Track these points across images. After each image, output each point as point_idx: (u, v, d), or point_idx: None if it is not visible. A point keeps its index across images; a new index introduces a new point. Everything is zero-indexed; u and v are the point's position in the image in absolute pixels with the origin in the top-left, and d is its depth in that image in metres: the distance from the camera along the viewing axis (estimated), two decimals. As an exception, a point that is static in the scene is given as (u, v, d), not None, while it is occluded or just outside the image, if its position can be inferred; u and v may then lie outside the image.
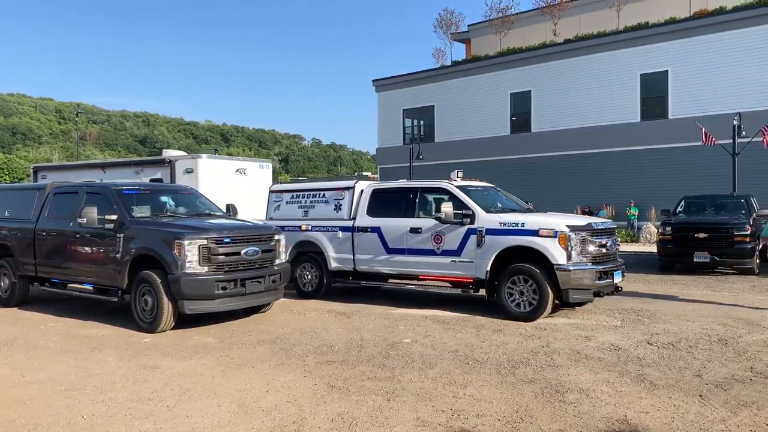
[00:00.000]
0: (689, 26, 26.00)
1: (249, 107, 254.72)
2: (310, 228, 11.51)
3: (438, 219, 9.86)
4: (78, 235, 9.75)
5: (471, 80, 32.53)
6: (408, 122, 35.87)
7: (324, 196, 11.63)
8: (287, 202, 12.11)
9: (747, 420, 4.99)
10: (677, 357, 6.99)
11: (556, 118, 29.06)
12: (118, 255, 9.06)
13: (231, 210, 10.76)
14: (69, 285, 10.30)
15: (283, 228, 10.70)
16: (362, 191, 11.21)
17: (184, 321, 8.86)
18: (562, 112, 28.79)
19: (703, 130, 21.27)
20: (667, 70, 26.23)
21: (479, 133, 31.64)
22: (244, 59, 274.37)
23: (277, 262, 9.47)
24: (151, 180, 14.16)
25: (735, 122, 20.36)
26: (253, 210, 13.44)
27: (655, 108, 26.59)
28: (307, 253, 11.57)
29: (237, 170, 14.20)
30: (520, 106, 30.68)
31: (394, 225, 10.48)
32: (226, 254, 8.70)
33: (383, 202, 10.88)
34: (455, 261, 9.79)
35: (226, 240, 8.76)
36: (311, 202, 11.75)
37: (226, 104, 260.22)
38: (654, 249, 17.32)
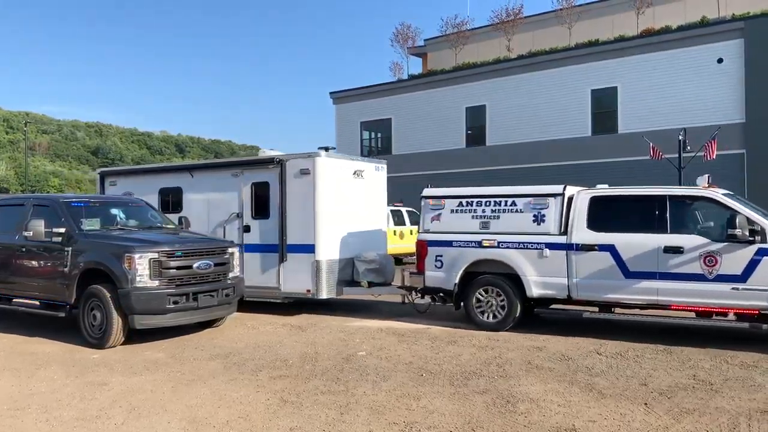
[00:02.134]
0: (637, 44, 26.82)
1: (204, 117, 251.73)
2: (496, 244, 9.42)
3: (730, 238, 7.90)
4: (24, 249, 9.47)
5: (428, 94, 32.86)
6: (366, 134, 35.98)
7: (515, 204, 9.47)
8: (453, 211, 9.93)
9: (689, 426, 5.15)
10: (625, 366, 7.18)
11: (510, 132, 29.56)
12: (66, 269, 8.83)
13: (183, 222, 10.62)
14: (14, 300, 9.98)
15: (449, 243, 9.61)
16: (573, 199, 9.17)
17: (134, 336, 8.67)
18: (516, 126, 29.31)
19: (651, 144, 21.94)
20: (616, 86, 26.98)
21: (436, 146, 31.95)
22: (198, 69, 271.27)
23: (231, 275, 9.38)
24: (253, 185, 11.46)
25: (681, 137, 21.06)
26: (372, 220, 12.15)
27: (606, 123, 27.30)
28: (485, 274, 9.56)
29: (354, 172, 11.70)
30: (476, 119, 31.11)
31: (637, 242, 8.49)
32: (178, 268, 8.57)
33: (611, 214, 8.93)
34: (738, 289, 7.91)
35: (178, 253, 8.63)
36: (494, 211, 9.60)
37: (181, 114, 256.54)
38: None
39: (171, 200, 12.41)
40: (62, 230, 8.97)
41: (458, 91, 31.62)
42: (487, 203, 9.72)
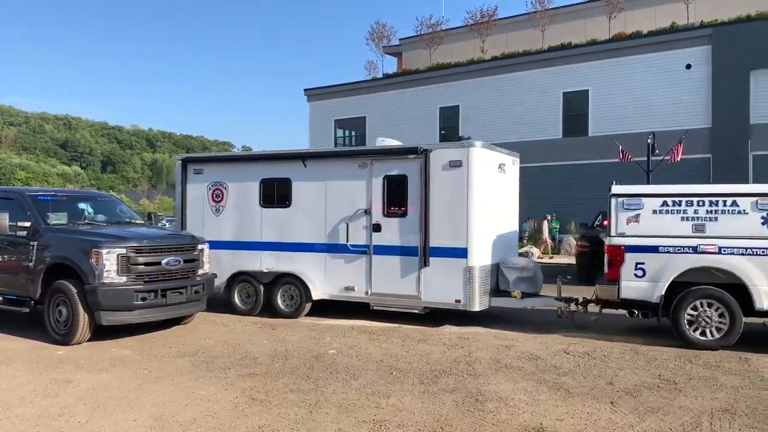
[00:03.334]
0: (608, 48, 27.18)
1: (177, 112, 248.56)
2: (717, 250, 8.27)
3: None
4: (-13, 243, 9.24)
5: (402, 93, 32.90)
6: (340, 132, 35.88)
7: (736, 204, 8.30)
8: (656, 212, 8.67)
9: (653, 425, 5.24)
10: (592, 365, 7.27)
11: (482, 133, 29.59)
12: (31, 264, 8.64)
13: (152, 218, 10.49)
14: (-24, 295, 9.73)
15: (654, 248, 8.53)
16: None
17: (100, 333, 8.53)
18: (489, 127, 29.46)
19: (621, 147, 22.26)
20: (587, 90, 27.32)
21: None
22: (171, 63, 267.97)
23: (200, 272, 9.28)
24: (386, 177, 10.02)
25: (649, 141, 21.40)
26: (511, 221, 11.16)
27: (577, 125, 27.62)
28: (699, 284, 8.38)
29: (499, 165, 10.37)
30: (449, 119, 31.23)
31: None
32: (146, 264, 8.45)
33: None
34: None
35: (146, 249, 8.51)
36: (710, 212, 8.41)
37: (153, 109, 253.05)
38: (574, 261, 17.95)
39: (276, 193, 10.94)
40: (27, 224, 8.77)
41: (432, 91, 31.72)
42: (701, 203, 8.51)
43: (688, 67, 25.04)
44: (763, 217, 8.18)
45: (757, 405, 5.78)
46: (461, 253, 9.42)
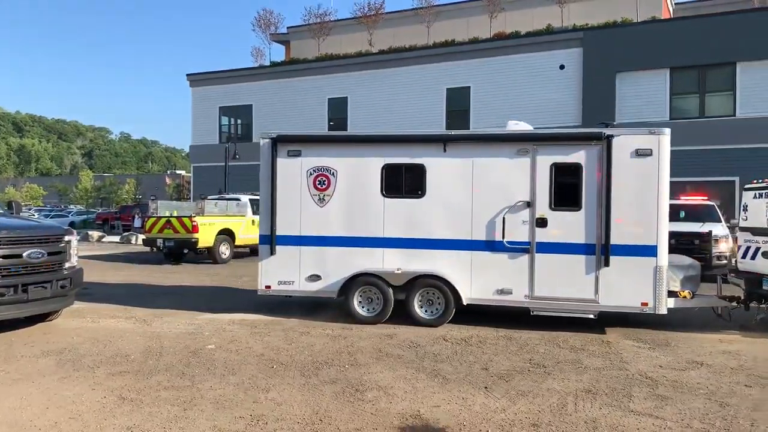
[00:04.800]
0: (489, 47, 28.25)
1: (48, 94, 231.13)
2: None
3: None
4: None
5: (290, 82, 32.49)
6: (225, 120, 34.90)
7: None
8: None
9: (524, 408, 5.50)
10: (468, 352, 7.53)
11: (370, 125, 29.97)
12: None
13: (14, 207, 9.67)
14: None
15: None
16: None
17: (-50, 333, 7.78)
18: (376, 120, 29.78)
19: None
20: (469, 86, 28.28)
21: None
22: (39, 41, 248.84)
23: (67, 265, 8.68)
24: (554, 166, 8.83)
25: (526, 137, 22.47)
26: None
27: (459, 121, 28.49)
28: None
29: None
30: (337, 111, 31.24)
31: None
32: (5, 257, 7.79)
33: None
34: None
35: (5, 241, 7.84)
36: None
37: (19, 89, 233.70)
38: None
39: (405, 181, 9.40)
40: None
41: (321, 82, 31.57)
42: None
43: (562, 67, 26.52)
44: None
45: (616, 385, 6.21)
46: (650, 251, 8.52)
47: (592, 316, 8.78)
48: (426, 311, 9.13)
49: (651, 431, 4.94)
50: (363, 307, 9.30)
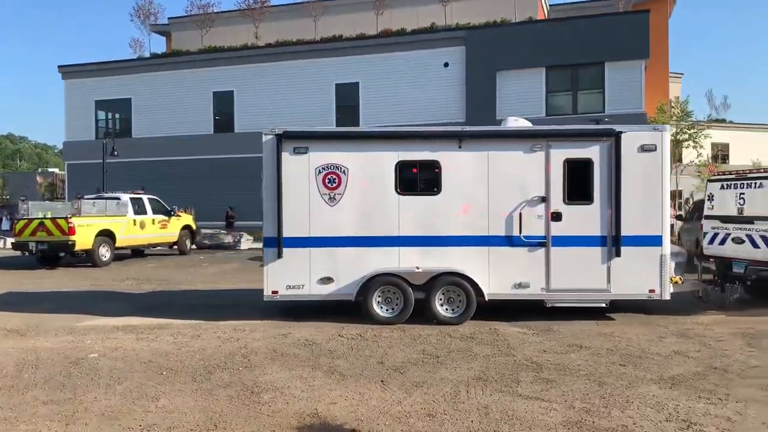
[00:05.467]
0: (376, 43, 28.57)
1: None
2: None
3: None
4: None
5: (172, 75, 31.24)
6: (101, 115, 33.02)
7: None
8: None
9: (419, 399, 5.62)
10: (364, 346, 7.59)
11: (259, 120, 29.44)
12: None
13: None
14: None
15: None
16: None
17: None
18: (265, 114, 29.30)
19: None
20: (358, 82, 28.46)
21: (181, 131, 30.55)
22: None
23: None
24: (567, 161, 9.06)
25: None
26: None
27: (348, 116, 28.58)
28: None
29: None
30: (224, 105, 30.44)
31: None
32: None
33: None
34: None
35: None
36: None
37: None
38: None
39: (420, 178, 9.31)
40: None
41: (205, 75, 30.63)
42: None
43: (446, 65, 27.31)
44: None
45: (505, 371, 6.49)
46: (656, 241, 8.98)
47: (604, 305, 9.14)
48: (447, 309, 9.03)
49: (538, 413, 5.21)
50: (382, 308, 9.06)
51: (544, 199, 9.09)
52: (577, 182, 9.10)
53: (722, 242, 10.72)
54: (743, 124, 44.84)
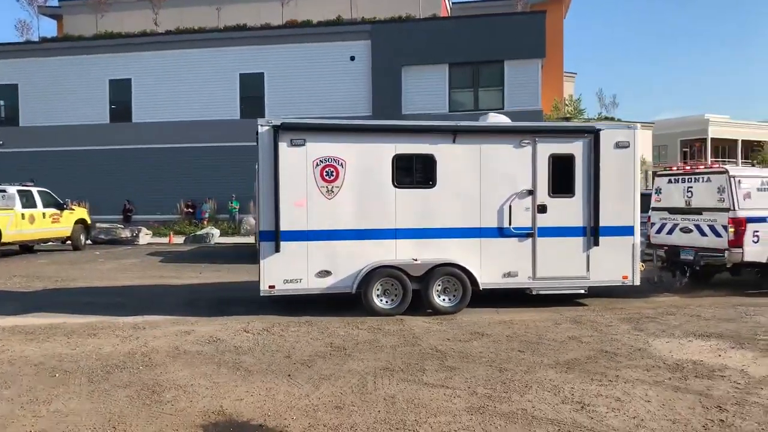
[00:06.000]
0: (282, 34, 28.14)
1: None
2: None
3: None
4: None
5: (64, 61, 29.41)
6: (-16, 101, 30.68)
7: None
8: (759, 190, 10.94)
9: (327, 392, 5.63)
10: (271, 341, 7.51)
11: (158, 110, 28.33)
12: None
13: None
14: None
15: (764, 219, 10.66)
16: None
17: None
18: (164, 104, 28.22)
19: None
20: (263, 73, 27.95)
21: (74, 120, 28.86)
22: None
23: None
24: (552, 157, 9.52)
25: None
26: None
27: (252, 107, 27.95)
28: None
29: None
30: (120, 93, 29.01)
31: None
32: None
33: None
34: None
35: None
36: None
37: None
38: (254, 240, 18.31)
39: (416, 171, 9.43)
40: None
41: (100, 61, 29.07)
42: None
43: (353, 59, 27.32)
44: None
45: (411, 360, 6.62)
46: (629, 231, 9.68)
47: (583, 291, 9.74)
48: (444, 300, 9.28)
49: (443, 401, 5.35)
50: (382, 300, 9.16)
51: (531, 192, 9.55)
52: (561, 176, 9.63)
53: (670, 232, 11.84)
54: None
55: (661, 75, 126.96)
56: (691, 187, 11.57)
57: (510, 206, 9.49)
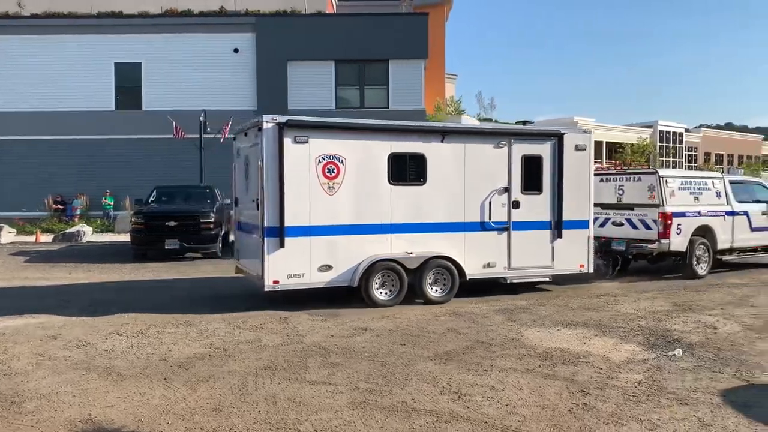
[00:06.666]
0: (161, 23, 26.94)
1: None
2: (706, 213, 12.84)
3: None
4: None
5: None
6: None
7: (705, 184, 13.08)
8: (679, 188, 12.63)
9: (205, 394, 5.47)
10: (146, 344, 7.18)
11: (23, 99, 26.25)
12: None
13: None
14: None
15: (683, 214, 12.40)
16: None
17: None
18: (30, 93, 26.18)
19: (174, 123, 22.47)
20: (140, 62, 26.62)
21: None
22: None
23: None
24: (524, 157, 10.40)
25: (202, 119, 22.14)
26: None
27: (130, 98, 26.71)
28: (701, 236, 12.68)
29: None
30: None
31: (760, 209, 13.80)
32: None
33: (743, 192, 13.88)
34: None
35: None
36: (699, 189, 12.97)
37: None
38: (129, 238, 17.42)
39: (409, 168, 9.78)
40: None
41: (-48, 44, 26.49)
42: (696, 184, 12.90)
43: (236, 51, 26.67)
44: (717, 192, 13.15)
45: (293, 358, 6.57)
46: (585, 224, 10.85)
47: (548, 279, 10.75)
48: (436, 290, 9.83)
49: (325, 397, 5.35)
50: (381, 292, 9.52)
51: (507, 190, 10.35)
52: (531, 175, 10.51)
53: (602, 225, 13.03)
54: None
55: (536, 78, 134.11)
56: (623, 186, 13.01)
57: (490, 202, 10.24)
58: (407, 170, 9.87)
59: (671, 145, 55.80)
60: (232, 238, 19.70)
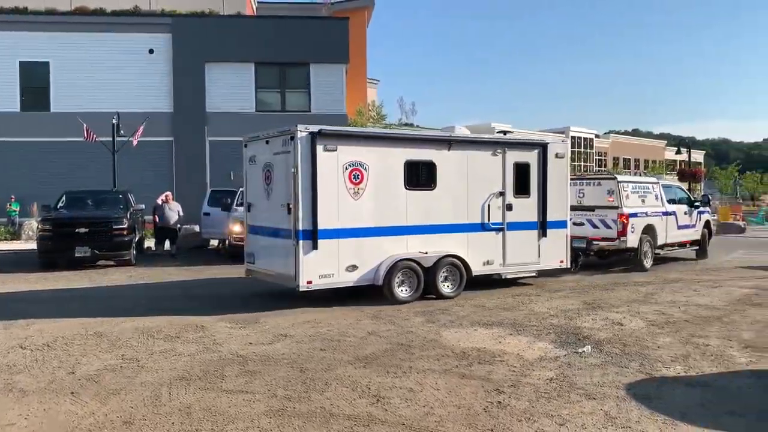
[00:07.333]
0: (70, 21, 25.80)
1: None
2: (651, 213, 14.78)
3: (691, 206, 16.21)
4: None
5: None
6: None
7: (647, 188, 15.02)
8: (632, 192, 14.40)
9: (115, 407, 5.26)
10: (52, 357, 6.85)
11: None
12: None
13: None
14: None
15: (635, 214, 14.05)
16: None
17: None
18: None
19: (85, 126, 21.53)
20: (48, 62, 25.37)
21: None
22: None
23: None
24: (515, 164, 11.54)
25: (114, 121, 21.30)
26: None
27: (37, 99, 25.41)
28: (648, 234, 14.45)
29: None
30: None
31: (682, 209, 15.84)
32: None
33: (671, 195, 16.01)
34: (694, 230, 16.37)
35: None
36: (644, 193, 14.86)
37: None
38: (35, 246, 16.54)
39: (421, 175, 10.64)
40: None
41: None
42: (642, 188, 14.78)
43: (151, 51, 25.86)
44: (656, 196, 15.01)
45: (209, 367, 6.42)
46: (564, 224, 12.12)
47: (534, 274, 12.00)
48: (448, 286, 10.64)
49: (242, 406, 5.26)
50: (402, 290, 10.18)
51: (502, 193, 11.39)
52: (521, 180, 11.60)
53: None
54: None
55: (455, 84, 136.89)
56: (583, 189, 14.55)
57: (488, 205, 11.26)
58: (420, 176, 10.71)
59: (583, 150, 58.30)
60: (147, 244, 19.24)
